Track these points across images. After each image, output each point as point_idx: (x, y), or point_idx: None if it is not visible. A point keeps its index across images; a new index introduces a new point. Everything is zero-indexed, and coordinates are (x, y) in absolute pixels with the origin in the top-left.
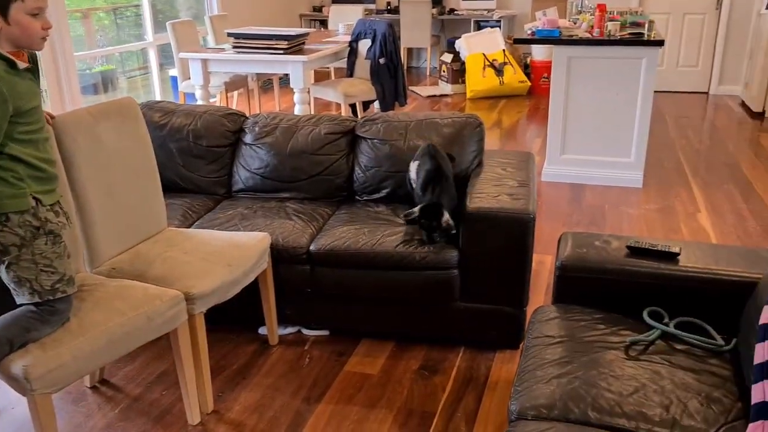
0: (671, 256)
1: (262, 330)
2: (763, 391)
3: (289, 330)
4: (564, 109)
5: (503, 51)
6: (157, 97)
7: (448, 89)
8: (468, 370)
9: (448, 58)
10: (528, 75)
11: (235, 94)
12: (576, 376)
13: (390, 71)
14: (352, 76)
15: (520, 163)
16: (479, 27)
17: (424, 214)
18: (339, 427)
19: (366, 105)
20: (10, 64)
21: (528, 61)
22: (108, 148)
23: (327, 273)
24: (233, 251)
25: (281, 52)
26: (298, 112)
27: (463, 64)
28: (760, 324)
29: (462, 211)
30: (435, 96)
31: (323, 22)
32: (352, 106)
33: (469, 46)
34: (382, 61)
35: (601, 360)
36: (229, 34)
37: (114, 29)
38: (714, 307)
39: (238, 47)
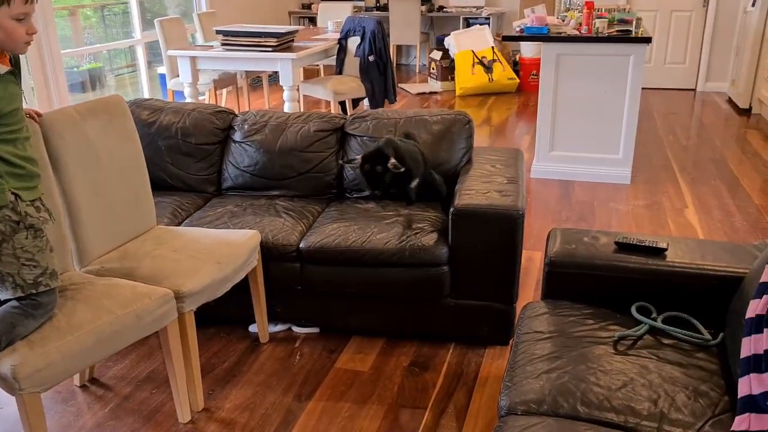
0: (659, 252)
1: (252, 328)
2: (749, 385)
3: (279, 327)
4: (553, 105)
5: (492, 48)
6: (146, 94)
7: (437, 86)
8: (458, 366)
9: (438, 55)
10: (517, 72)
11: (224, 91)
12: (565, 371)
13: (379, 68)
14: (341, 73)
15: (509, 160)
16: (468, 24)
17: (368, 160)
18: (330, 424)
19: (355, 102)
20: None
21: (517, 59)
22: (96, 146)
23: (317, 270)
24: (223, 249)
25: (270, 49)
26: (288, 109)
27: (453, 61)
28: (746, 318)
29: (451, 208)
30: (424, 93)
31: (312, 20)
32: (342, 104)
33: (459, 43)
34: (372, 58)
35: (589, 355)
36: (217, 32)
37: (101, 27)
38: (701, 302)
39: (227, 45)
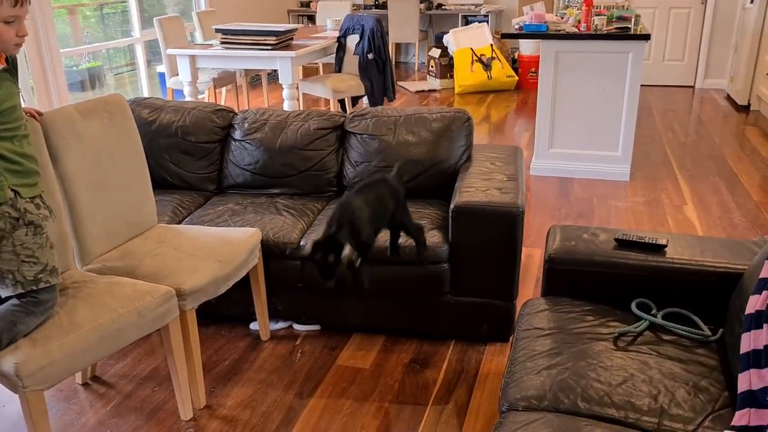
0: (658, 248)
1: (253, 326)
2: (749, 380)
3: (280, 325)
4: (552, 103)
5: (491, 46)
6: (145, 93)
7: (436, 84)
8: (459, 364)
9: (436, 53)
10: (516, 70)
11: (224, 90)
12: (566, 367)
13: (378, 66)
14: (340, 71)
15: (509, 158)
16: (467, 22)
17: (320, 247)
18: (331, 421)
19: (355, 100)
20: None
21: (516, 56)
22: (97, 145)
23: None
24: (224, 247)
25: (269, 47)
26: (287, 107)
27: (451, 59)
28: (746, 314)
29: (451, 206)
30: (423, 91)
31: (311, 18)
32: (341, 102)
33: (457, 41)
34: (371, 56)
35: (590, 351)
36: (217, 30)
37: (101, 26)
38: (700, 298)
39: (226, 43)
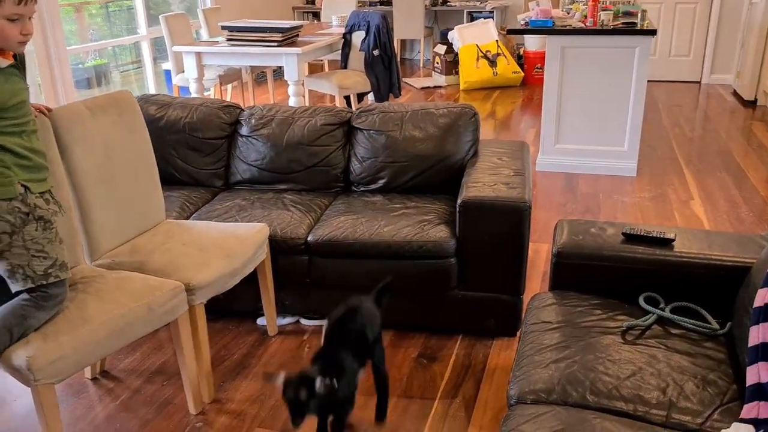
0: (666, 242)
1: (260, 321)
2: (757, 373)
3: (288, 320)
4: (558, 98)
5: (496, 42)
6: (151, 90)
7: (441, 81)
8: (466, 358)
9: (442, 49)
10: (521, 66)
11: (229, 87)
12: (574, 360)
13: (384, 63)
14: (346, 68)
15: (515, 153)
16: (472, 18)
17: (290, 383)
18: None
19: (360, 97)
20: None
21: (521, 52)
22: (105, 141)
23: (325, 263)
24: (232, 242)
25: (275, 44)
26: (293, 104)
27: (457, 55)
28: (754, 307)
29: (459, 200)
30: (429, 87)
31: (316, 15)
32: (347, 98)
33: (463, 37)
34: (377, 52)
35: (598, 345)
36: (223, 27)
37: (106, 23)
38: (709, 292)
39: (232, 40)
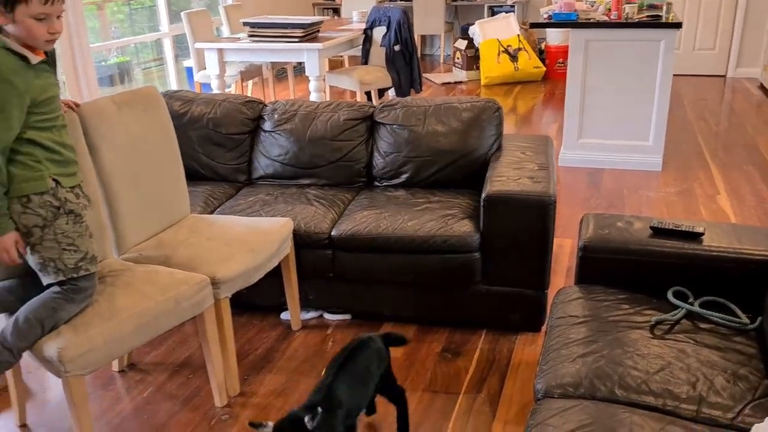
0: (695, 236)
1: (284, 315)
2: None
3: (311, 315)
4: (581, 93)
5: (518, 36)
6: (173, 88)
7: (462, 76)
8: (490, 353)
9: (462, 44)
10: (543, 60)
11: (250, 83)
12: (601, 354)
13: (405, 58)
14: (366, 63)
15: (539, 147)
16: (493, 13)
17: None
18: None
19: (381, 92)
20: (23, 59)
21: (543, 47)
22: (132, 136)
23: (348, 257)
24: (256, 237)
25: (297, 40)
26: (314, 99)
27: (477, 50)
28: None
29: (483, 195)
30: (449, 83)
31: (336, 11)
32: (367, 94)
33: (484, 32)
34: (398, 48)
35: (626, 339)
36: (244, 23)
37: (128, 21)
38: (738, 286)
39: (253, 36)
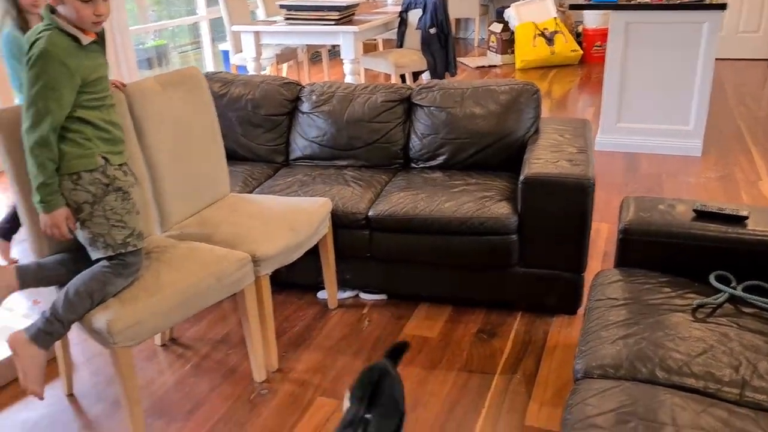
0: (739, 220)
1: (321, 294)
2: None
3: (348, 294)
4: (620, 76)
5: (554, 19)
6: (210, 70)
7: (497, 60)
8: (526, 334)
9: (497, 28)
10: (580, 44)
11: (285, 66)
12: (642, 337)
13: (440, 41)
14: (402, 46)
15: (577, 130)
16: None
17: None
18: None
19: (416, 76)
20: (74, 39)
21: (580, 30)
22: (176, 116)
23: (385, 238)
24: (296, 216)
25: (333, 22)
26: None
27: (513, 33)
28: None
29: (521, 177)
30: (484, 67)
31: None
32: (402, 77)
33: (519, 15)
34: (433, 30)
35: (667, 322)
36: (281, 6)
37: (165, 4)
38: None
39: (290, 19)
